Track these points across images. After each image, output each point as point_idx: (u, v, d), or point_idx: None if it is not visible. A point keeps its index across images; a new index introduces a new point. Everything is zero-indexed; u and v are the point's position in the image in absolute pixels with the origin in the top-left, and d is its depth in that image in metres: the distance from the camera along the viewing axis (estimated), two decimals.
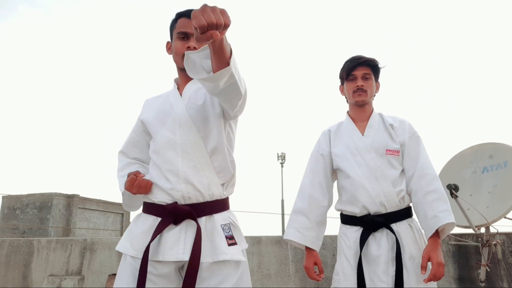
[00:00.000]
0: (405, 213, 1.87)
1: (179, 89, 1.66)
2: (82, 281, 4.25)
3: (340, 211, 1.99)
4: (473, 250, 3.46)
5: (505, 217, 3.07)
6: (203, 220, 1.50)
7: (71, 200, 20.46)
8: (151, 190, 1.54)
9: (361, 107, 2.00)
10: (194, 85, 1.64)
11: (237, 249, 1.51)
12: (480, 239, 3.22)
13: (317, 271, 1.93)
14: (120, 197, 1.69)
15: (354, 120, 2.01)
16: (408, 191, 1.88)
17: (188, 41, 1.60)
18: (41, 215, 19.89)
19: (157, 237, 1.47)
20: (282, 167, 22.22)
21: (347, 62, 2.02)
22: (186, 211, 1.48)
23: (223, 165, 1.57)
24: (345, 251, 1.88)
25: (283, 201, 21.21)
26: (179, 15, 1.65)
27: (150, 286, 1.44)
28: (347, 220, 1.94)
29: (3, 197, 20.94)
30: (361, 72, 1.97)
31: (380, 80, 2.06)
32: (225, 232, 1.52)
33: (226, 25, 1.08)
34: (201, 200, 1.52)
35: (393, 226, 1.81)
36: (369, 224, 1.83)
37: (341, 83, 2.09)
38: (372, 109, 2.03)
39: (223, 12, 1.08)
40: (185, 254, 1.45)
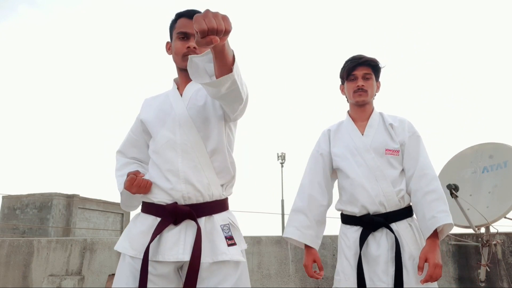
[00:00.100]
0: (405, 213, 1.86)
1: (179, 89, 1.65)
2: (82, 281, 4.25)
3: (340, 211, 1.99)
4: (473, 250, 3.46)
5: (505, 217, 3.07)
6: (202, 220, 1.50)
7: (71, 200, 20.46)
8: (151, 190, 1.54)
9: (362, 107, 2.00)
10: (195, 86, 1.64)
11: (236, 249, 1.51)
12: (480, 239, 3.22)
13: (316, 270, 1.93)
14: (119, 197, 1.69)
15: (354, 119, 2.01)
16: (408, 191, 1.87)
17: (188, 41, 1.60)
18: (41, 215, 19.89)
19: (156, 237, 1.47)
20: (282, 167, 22.24)
21: (347, 61, 2.01)
22: (186, 211, 1.48)
23: (223, 166, 1.57)
24: (345, 251, 1.88)
25: (283, 201, 21.21)
26: (179, 15, 1.65)
27: (149, 286, 1.44)
28: (347, 220, 1.94)
29: (3, 197, 20.95)
30: (361, 72, 1.96)
31: (380, 80, 2.06)
32: (225, 232, 1.52)
33: (226, 31, 1.09)
34: (201, 200, 1.51)
35: (393, 225, 1.81)
36: (368, 223, 1.83)
37: (341, 83, 2.08)
38: (372, 109, 2.02)
39: (224, 18, 1.09)
40: (185, 254, 1.45)
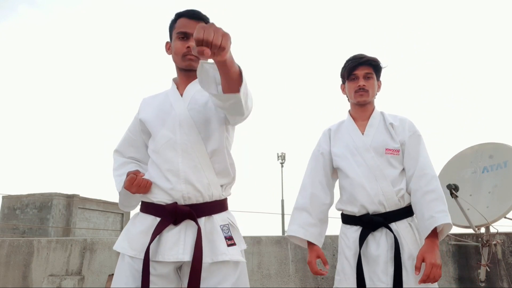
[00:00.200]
0: (405, 212, 1.85)
1: (179, 89, 1.65)
2: (82, 281, 4.25)
3: (340, 211, 1.98)
4: (473, 250, 3.46)
5: (505, 217, 3.07)
6: (202, 220, 1.50)
7: (71, 200, 20.45)
8: (150, 189, 1.53)
9: (363, 107, 1.99)
10: (196, 86, 1.63)
11: (236, 249, 1.51)
12: (480, 239, 3.22)
13: (322, 268, 1.89)
14: None
15: (355, 119, 2.00)
16: (408, 191, 1.87)
17: (188, 41, 1.60)
18: (41, 215, 19.88)
19: (156, 237, 1.46)
20: (282, 167, 22.24)
21: (348, 61, 2.00)
22: (186, 212, 1.48)
23: (222, 167, 1.57)
24: (345, 251, 1.88)
25: (283, 201, 21.21)
26: (179, 15, 1.65)
27: (149, 286, 1.44)
28: (347, 219, 1.94)
29: (3, 197, 20.95)
30: (362, 71, 1.95)
31: (381, 79, 2.04)
32: (224, 232, 1.52)
33: (221, 47, 1.09)
34: (201, 200, 1.51)
35: (393, 225, 1.80)
36: (368, 223, 1.82)
37: (342, 82, 2.07)
38: (373, 108, 2.01)
39: (224, 35, 1.10)
40: (185, 254, 1.45)
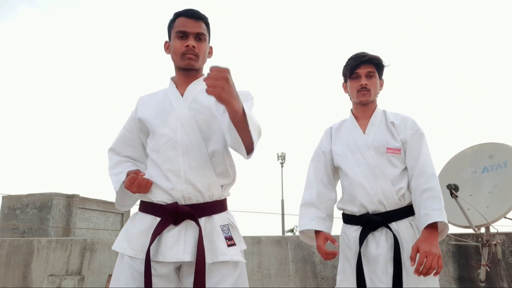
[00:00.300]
0: (406, 212, 1.84)
1: (178, 88, 1.64)
2: (82, 281, 4.25)
3: (341, 210, 1.98)
4: (473, 250, 3.46)
5: (505, 217, 3.07)
6: (202, 220, 1.50)
7: (71, 200, 20.45)
8: (150, 189, 1.53)
9: (365, 106, 1.97)
10: (197, 86, 1.63)
11: (236, 250, 1.51)
12: (480, 239, 3.22)
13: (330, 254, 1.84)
14: None
15: (357, 118, 1.99)
16: (409, 189, 1.85)
17: (186, 40, 1.59)
18: (41, 215, 19.88)
19: (156, 237, 1.46)
20: (282, 167, 22.25)
21: (350, 59, 1.98)
22: (186, 212, 1.47)
23: (223, 168, 1.57)
24: (346, 251, 1.88)
25: (283, 201, 21.22)
26: (178, 15, 1.65)
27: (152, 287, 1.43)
28: (347, 219, 1.93)
29: (3, 197, 20.94)
30: (364, 70, 1.92)
31: (383, 77, 2.01)
32: (224, 233, 1.52)
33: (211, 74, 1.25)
34: (201, 200, 1.51)
35: (393, 225, 1.79)
36: (367, 223, 1.82)
37: (344, 81, 2.04)
38: (375, 107, 1.99)
39: (223, 77, 1.25)
40: (185, 254, 1.44)
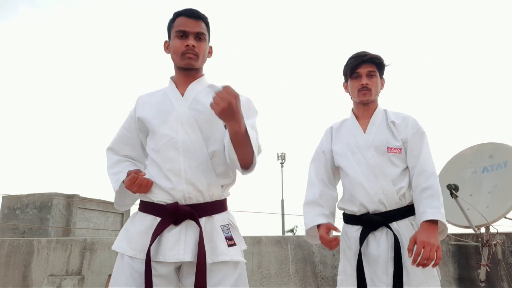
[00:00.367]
0: (407, 211, 1.83)
1: (178, 88, 1.64)
2: (82, 281, 4.25)
3: (342, 210, 1.97)
4: (473, 250, 3.46)
5: (505, 217, 3.07)
6: (203, 220, 1.50)
7: (71, 200, 20.45)
8: (150, 189, 1.53)
9: (366, 105, 1.97)
10: (198, 86, 1.63)
11: (236, 250, 1.51)
12: (480, 239, 3.22)
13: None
14: None
15: (357, 117, 1.98)
16: (411, 188, 1.85)
17: (186, 40, 1.59)
18: (41, 215, 19.88)
19: (156, 237, 1.46)
20: (282, 167, 22.25)
21: (351, 58, 1.97)
22: (187, 212, 1.47)
23: (223, 168, 1.57)
24: (346, 251, 1.87)
25: (283, 201, 21.21)
26: (177, 14, 1.64)
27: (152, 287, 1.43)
28: (348, 219, 1.93)
29: (3, 197, 20.95)
30: (365, 69, 1.91)
31: (384, 76, 2.00)
32: (225, 233, 1.52)
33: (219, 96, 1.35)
34: (201, 200, 1.51)
35: (394, 224, 1.79)
36: (367, 222, 1.81)
37: (345, 80, 2.04)
38: (376, 106, 1.98)
39: (228, 100, 1.34)
40: (186, 254, 1.44)
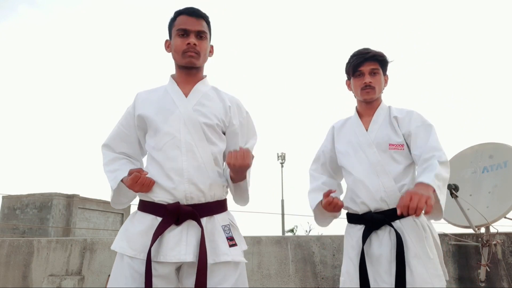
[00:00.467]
0: None
1: (179, 86, 1.63)
2: (82, 281, 4.25)
3: (345, 210, 1.94)
4: (473, 250, 3.46)
5: (505, 217, 3.06)
6: (204, 220, 1.49)
7: (71, 200, 20.44)
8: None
9: (369, 103, 1.95)
10: (203, 87, 1.63)
11: (237, 250, 1.51)
12: (480, 239, 3.22)
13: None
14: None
15: (361, 115, 1.97)
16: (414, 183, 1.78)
17: (187, 38, 1.59)
18: (41, 215, 19.87)
19: (157, 238, 1.45)
20: (282, 167, 22.25)
21: (353, 56, 1.94)
22: (189, 212, 1.47)
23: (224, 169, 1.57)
24: (349, 251, 1.85)
25: (283, 201, 21.21)
26: (178, 13, 1.65)
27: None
28: (351, 218, 1.91)
29: (3, 197, 20.93)
30: (368, 67, 1.89)
31: (387, 73, 1.98)
32: (226, 233, 1.51)
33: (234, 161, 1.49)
34: (203, 200, 1.51)
35: (396, 223, 1.75)
36: (370, 221, 1.79)
37: (347, 78, 2.01)
38: (379, 103, 1.96)
39: (242, 165, 1.49)
40: (187, 255, 1.44)
